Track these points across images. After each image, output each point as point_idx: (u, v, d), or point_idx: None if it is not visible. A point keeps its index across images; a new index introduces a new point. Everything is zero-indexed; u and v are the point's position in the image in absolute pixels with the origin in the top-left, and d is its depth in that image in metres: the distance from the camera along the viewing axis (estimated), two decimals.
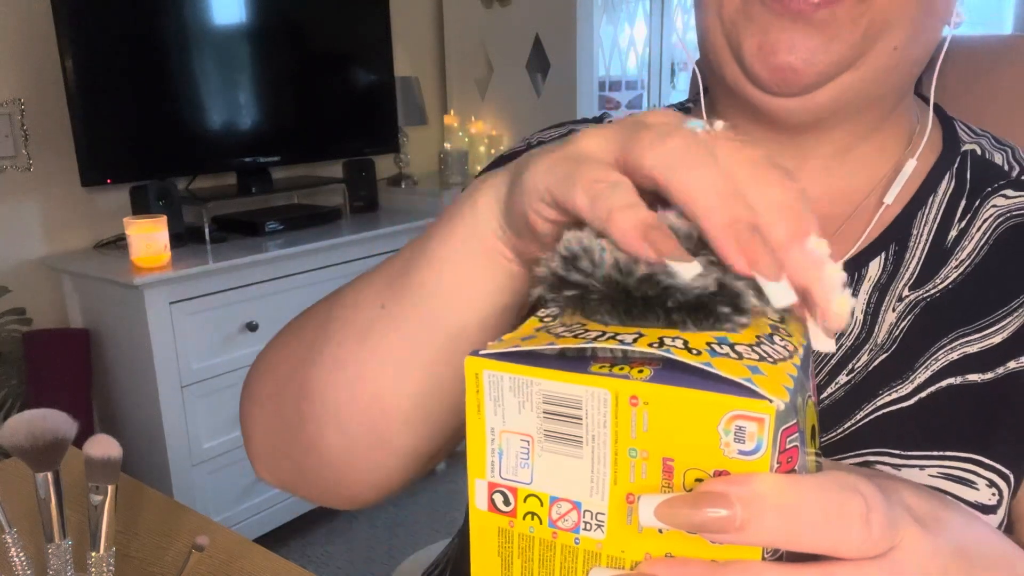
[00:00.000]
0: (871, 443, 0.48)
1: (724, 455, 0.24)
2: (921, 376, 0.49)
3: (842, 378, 0.50)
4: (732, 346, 0.26)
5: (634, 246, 0.27)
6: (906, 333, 0.50)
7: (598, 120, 0.65)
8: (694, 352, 0.25)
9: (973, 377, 0.48)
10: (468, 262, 0.39)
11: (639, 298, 0.27)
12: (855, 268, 0.52)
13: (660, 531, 0.25)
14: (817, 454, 0.29)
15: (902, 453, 0.47)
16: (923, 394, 0.48)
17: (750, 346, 0.27)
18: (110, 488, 0.56)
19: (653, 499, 0.24)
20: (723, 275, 0.27)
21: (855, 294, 0.52)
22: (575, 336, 0.27)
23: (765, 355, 0.26)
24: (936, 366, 0.49)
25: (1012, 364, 0.48)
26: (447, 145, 2.98)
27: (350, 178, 2.54)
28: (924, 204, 0.54)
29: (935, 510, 0.29)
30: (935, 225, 0.53)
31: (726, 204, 0.27)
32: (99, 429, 2.15)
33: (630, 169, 0.30)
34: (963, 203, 0.53)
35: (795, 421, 0.25)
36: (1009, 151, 0.57)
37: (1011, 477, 0.46)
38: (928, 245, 0.52)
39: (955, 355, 0.49)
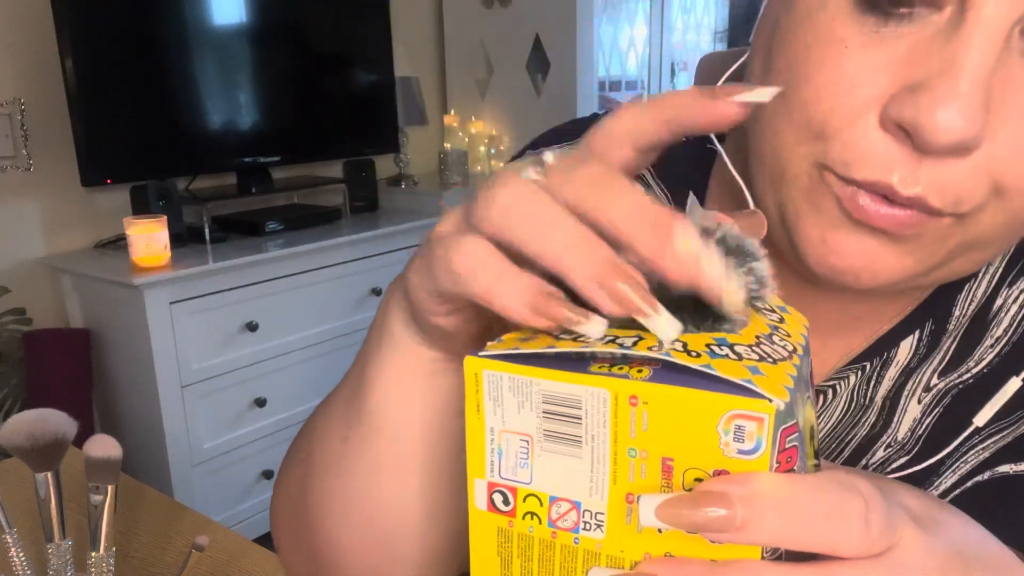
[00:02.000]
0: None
1: (724, 455, 0.24)
2: (947, 481, 0.43)
3: None
4: (731, 347, 0.26)
5: (527, 321, 0.26)
6: (930, 430, 0.43)
7: (596, 119, 0.62)
8: (693, 354, 0.25)
9: (1003, 469, 0.42)
10: (407, 381, 0.37)
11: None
12: (883, 349, 0.45)
13: (660, 531, 0.25)
14: (816, 454, 0.29)
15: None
16: (948, 498, 0.43)
17: (750, 347, 0.27)
18: (110, 488, 0.57)
19: (653, 499, 0.24)
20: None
21: (880, 379, 0.45)
22: (574, 339, 0.27)
23: (765, 355, 0.26)
24: (965, 468, 0.43)
25: None
26: (447, 145, 2.98)
27: (350, 178, 2.54)
28: (974, 276, 0.45)
29: (933, 511, 0.29)
30: (983, 299, 0.44)
31: (581, 254, 0.26)
32: (99, 429, 2.15)
33: (486, 235, 0.28)
34: (1017, 267, 0.45)
35: (795, 421, 0.25)
36: None
37: None
38: (967, 323, 0.44)
39: (986, 454, 0.43)
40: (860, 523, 0.24)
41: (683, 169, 0.51)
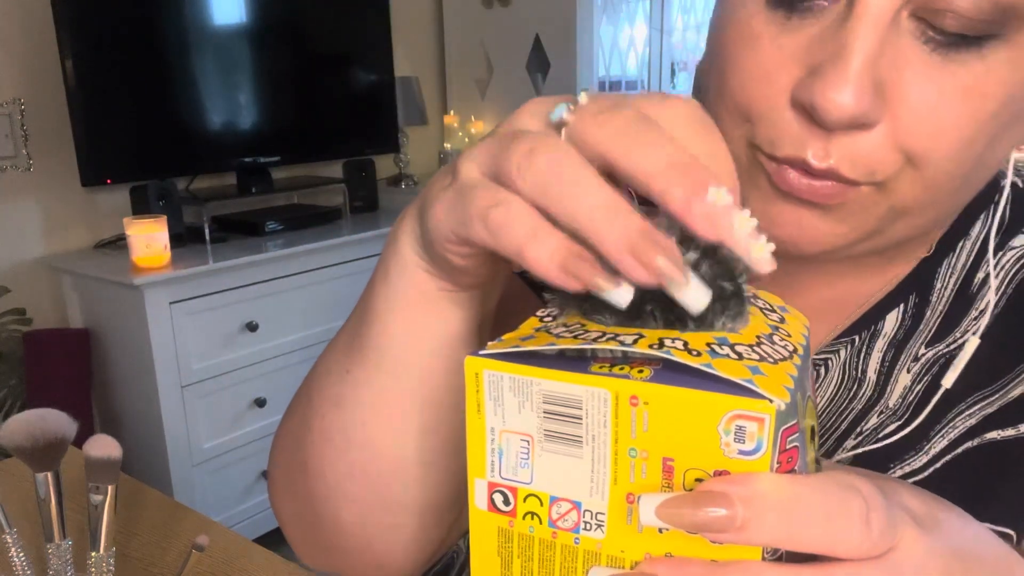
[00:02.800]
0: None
1: (724, 455, 0.24)
2: (938, 445, 0.45)
3: (849, 442, 0.46)
4: (732, 347, 0.26)
5: (555, 279, 0.26)
6: (921, 397, 0.46)
7: None
8: (694, 353, 0.25)
9: (991, 435, 0.44)
10: (411, 310, 0.38)
11: (639, 299, 0.27)
12: (870, 322, 0.48)
13: (660, 531, 0.25)
14: (817, 453, 0.29)
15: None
16: (939, 464, 0.45)
17: (750, 346, 0.27)
18: (110, 488, 0.56)
19: (653, 499, 0.24)
20: (712, 268, 0.27)
21: (868, 352, 0.47)
22: (575, 336, 0.27)
23: (765, 355, 0.26)
24: (953, 434, 0.45)
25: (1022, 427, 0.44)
26: (447, 145, 2.98)
27: (350, 178, 2.54)
28: (953, 250, 0.48)
29: (934, 511, 0.29)
30: (963, 273, 0.47)
31: (614, 222, 0.26)
32: (99, 429, 2.15)
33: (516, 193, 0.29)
34: (993, 243, 0.47)
35: (795, 421, 0.25)
36: None
37: (1013, 536, 0.44)
38: (952, 294, 0.47)
39: (973, 420, 0.45)
40: (861, 524, 0.24)
41: None
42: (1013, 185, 0.49)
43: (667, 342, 0.26)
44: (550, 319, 0.30)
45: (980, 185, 0.42)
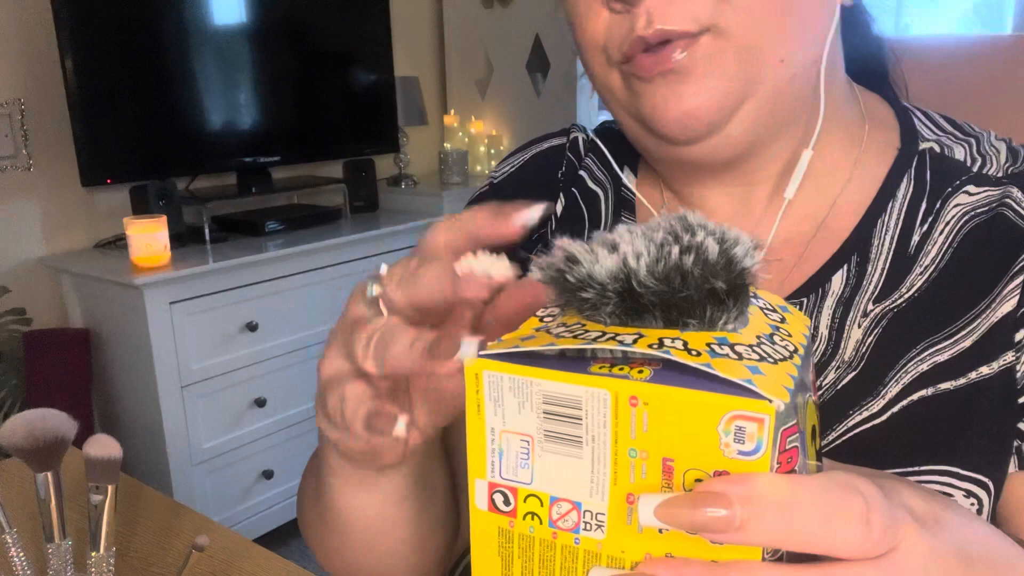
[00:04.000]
0: (847, 463, 0.47)
1: (724, 455, 0.24)
2: (892, 390, 0.48)
3: None
4: (732, 346, 0.26)
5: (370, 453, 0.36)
6: (873, 348, 0.49)
7: (565, 133, 0.67)
8: (694, 353, 0.25)
9: (945, 385, 0.47)
10: (350, 492, 0.44)
11: (638, 299, 0.27)
12: (818, 284, 0.51)
13: (660, 531, 0.25)
14: (818, 454, 0.29)
15: (877, 472, 0.46)
16: (895, 408, 0.47)
17: (750, 346, 0.27)
18: (110, 488, 0.56)
19: (653, 499, 0.24)
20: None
21: (819, 311, 0.51)
22: (575, 336, 0.27)
23: (765, 355, 0.26)
24: (906, 379, 0.48)
25: (983, 369, 0.47)
26: (447, 145, 2.98)
27: (350, 178, 2.54)
28: (884, 210, 0.52)
29: (935, 510, 0.29)
30: (897, 231, 0.52)
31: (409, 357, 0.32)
32: (99, 429, 2.15)
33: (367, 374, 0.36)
34: (924, 206, 0.52)
35: (795, 421, 0.25)
36: (974, 142, 0.54)
37: (989, 484, 0.46)
38: (891, 254, 0.51)
39: (925, 366, 0.48)
40: (861, 524, 0.24)
41: (616, 147, 0.62)
42: (931, 151, 0.54)
43: (667, 342, 0.26)
44: (550, 319, 0.30)
45: (809, 9, 0.48)
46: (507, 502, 0.27)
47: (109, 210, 2.21)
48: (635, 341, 0.26)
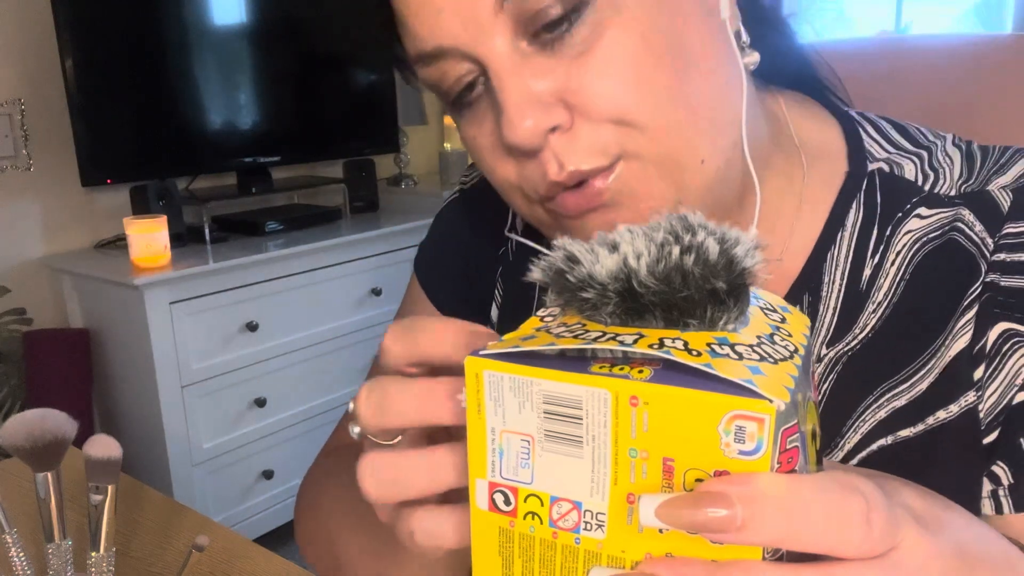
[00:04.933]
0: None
1: (724, 455, 0.24)
2: (851, 440, 0.46)
3: None
4: (732, 347, 0.26)
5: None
6: (829, 396, 0.47)
7: None
8: (694, 353, 0.25)
9: (904, 433, 0.45)
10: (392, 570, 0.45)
11: (639, 299, 0.27)
12: None
13: (661, 531, 0.25)
14: (818, 454, 0.29)
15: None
16: (854, 460, 0.46)
17: (750, 346, 0.26)
18: (110, 488, 0.56)
19: (654, 499, 0.24)
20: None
21: None
22: (575, 336, 0.27)
23: (766, 355, 0.26)
24: (865, 428, 0.46)
25: (940, 414, 0.45)
26: (447, 145, 2.97)
27: (350, 178, 2.54)
28: (833, 242, 0.49)
29: (936, 510, 0.29)
30: (847, 266, 0.48)
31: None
32: (99, 429, 2.15)
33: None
34: (875, 233, 0.48)
35: (795, 421, 0.25)
36: (925, 155, 0.50)
37: None
38: (843, 290, 0.48)
39: (883, 413, 0.46)
40: (862, 523, 0.24)
41: None
42: (880, 171, 0.50)
43: (667, 342, 0.26)
44: (551, 319, 0.30)
45: (716, 101, 0.45)
46: (507, 502, 0.27)
47: (109, 210, 2.21)
48: (635, 341, 0.26)
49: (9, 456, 0.73)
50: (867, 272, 0.48)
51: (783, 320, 0.30)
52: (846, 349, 0.47)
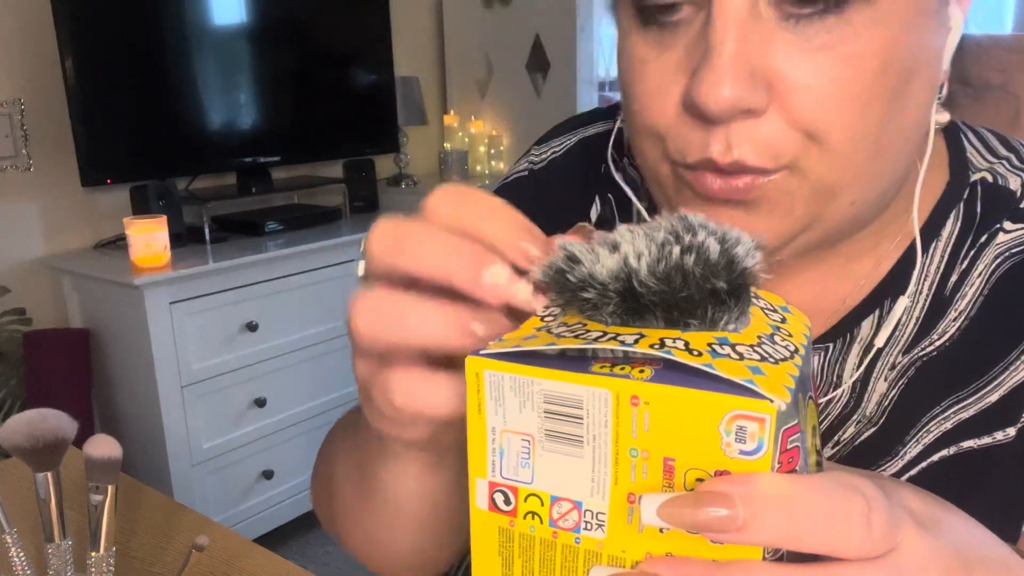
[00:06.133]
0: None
1: (725, 455, 0.24)
2: (912, 451, 0.45)
3: (826, 452, 0.47)
4: (733, 347, 0.26)
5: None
6: (896, 403, 0.46)
7: (610, 112, 0.61)
8: (695, 353, 0.25)
9: (968, 444, 0.44)
10: (398, 474, 0.40)
11: (639, 299, 0.27)
12: (844, 330, 0.48)
13: (661, 531, 0.25)
14: (818, 454, 0.29)
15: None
16: (913, 471, 0.45)
17: (751, 346, 0.27)
18: (110, 488, 0.56)
19: (655, 498, 0.24)
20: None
21: (843, 359, 0.47)
22: (576, 336, 0.27)
23: (766, 355, 0.26)
24: (928, 438, 0.45)
25: (1009, 430, 0.44)
26: (447, 145, 2.98)
27: (350, 178, 2.54)
28: (926, 251, 0.47)
29: (936, 512, 0.29)
30: (938, 276, 0.47)
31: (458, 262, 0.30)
32: (99, 429, 2.15)
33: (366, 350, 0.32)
34: (969, 240, 0.47)
35: (796, 421, 0.25)
36: None
37: None
38: (928, 299, 0.47)
39: (949, 424, 0.45)
40: (862, 524, 0.24)
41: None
42: (982, 180, 0.49)
43: (668, 342, 0.26)
44: (551, 319, 0.30)
45: (902, 149, 0.42)
46: (507, 501, 0.27)
47: (109, 210, 2.21)
48: (636, 341, 0.26)
49: (9, 456, 0.73)
50: (954, 278, 0.47)
51: (783, 320, 0.30)
52: (921, 354, 0.46)
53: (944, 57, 0.42)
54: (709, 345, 0.26)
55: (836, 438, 0.47)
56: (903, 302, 0.46)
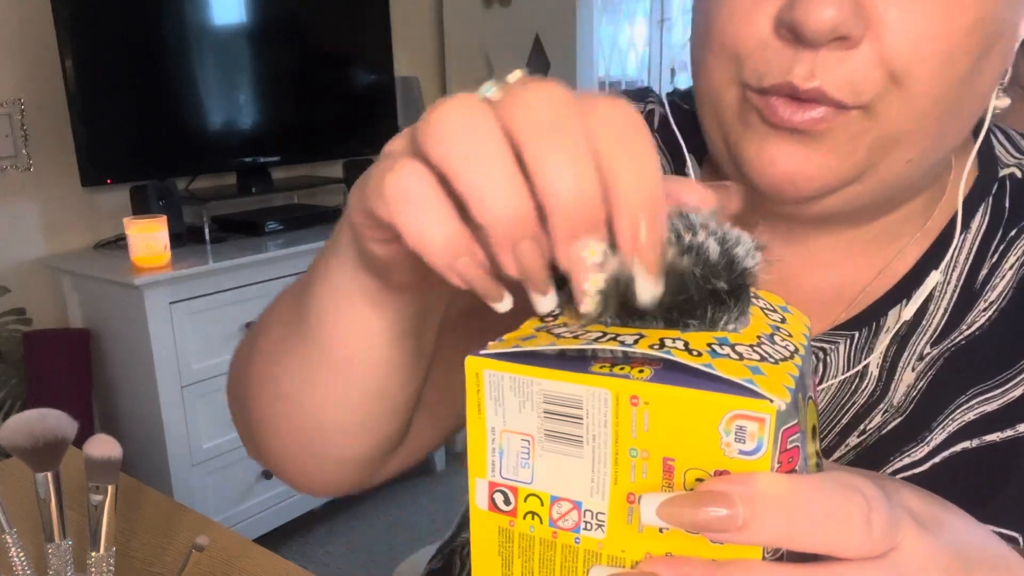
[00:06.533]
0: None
1: (725, 455, 0.24)
2: (937, 437, 0.45)
3: (853, 440, 0.47)
4: (733, 347, 0.26)
5: (438, 269, 0.27)
6: (924, 392, 0.46)
7: (642, 98, 0.60)
8: (695, 353, 0.25)
9: (990, 437, 0.44)
10: (343, 303, 0.38)
11: (634, 300, 0.27)
12: (872, 318, 0.48)
13: (661, 531, 0.25)
14: (818, 454, 0.29)
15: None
16: (937, 459, 0.45)
17: (751, 346, 0.27)
18: (110, 488, 0.56)
19: (655, 498, 0.24)
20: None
21: (871, 347, 0.47)
22: (575, 337, 0.27)
23: (766, 355, 0.26)
24: (952, 427, 0.45)
25: (1022, 427, 0.44)
26: None
27: (350, 178, 2.54)
28: (955, 243, 0.48)
29: (936, 512, 0.29)
30: (966, 268, 0.47)
31: (507, 214, 0.25)
32: (99, 429, 2.14)
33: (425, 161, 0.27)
34: (999, 234, 0.47)
35: (796, 421, 0.25)
36: None
37: (1020, 540, 0.44)
38: (957, 293, 0.47)
39: (972, 415, 0.45)
40: (862, 523, 0.24)
41: (683, 131, 0.55)
42: (1011, 176, 0.49)
43: (667, 342, 0.26)
44: (550, 319, 0.30)
45: (967, 119, 0.43)
46: (507, 502, 0.27)
47: (109, 210, 2.21)
48: (636, 342, 0.26)
49: (9, 456, 0.73)
50: (984, 272, 0.47)
51: (783, 320, 0.30)
52: (950, 345, 0.46)
53: (1017, 40, 0.43)
54: (709, 345, 0.26)
55: (862, 427, 0.47)
56: (935, 276, 0.47)
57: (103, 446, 0.56)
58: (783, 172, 0.42)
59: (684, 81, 3.15)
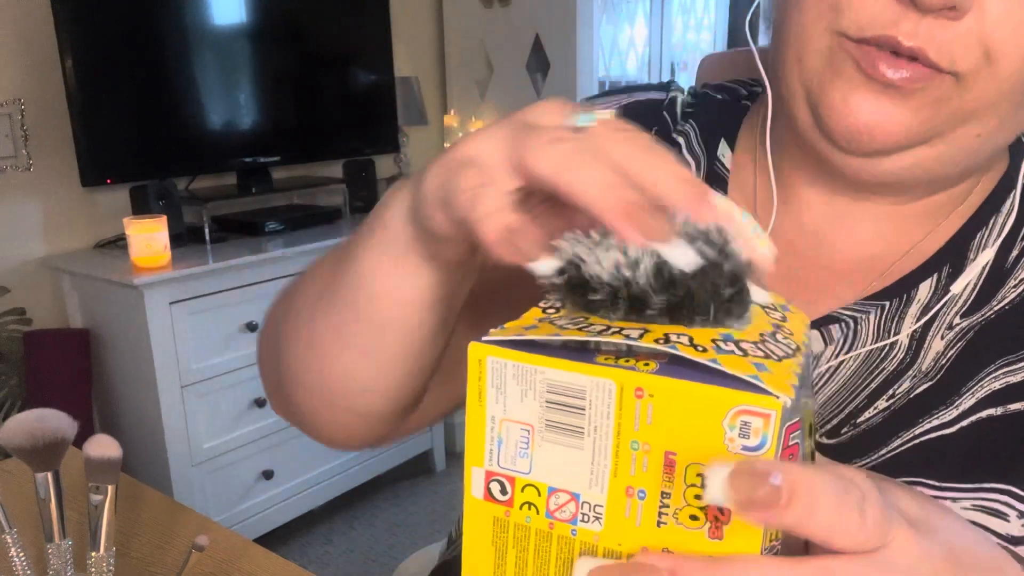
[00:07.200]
0: (909, 471, 0.46)
1: (728, 450, 0.24)
2: (967, 402, 0.47)
3: (881, 403, 0.48)
4: (737, 343, 0.26)
5: (497, 251, 0.30)
6: (953, 360, 0.48)
7: (665, 88, 0.63)
8: (700, 349, 0.25)
9: (1015, 406, 0.46)
10: (388, 267, 0.41)
11: (641, 295, 0.27)
12: (902, 290, 0.50)
13: (658, 525, 0.25)
14: (812, 451, 0.29)
15: (939, 484, 0.46)
16: (965, 422, 0.46)
17: (755, 343, 0.27)
18: (110, 488, 0.56)
19: (720, 471, 0.23)
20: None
21: (901, 317, 0.50)
22: (579, 329, 0.27)
23: (770, 352, 0.26)
24: (981, 393, 0.47)
25: None
26: (447, 145, 2.97)
27: (350, 178, 2.54)
28: (984, 224, 0.51)
29: (929, 514, 0.29)
30: (996, 249, 0.50)
31: (612, 191, 0.29)
32: (99, 429, 2.14)
33: (523, 175, 0.31)
34: None
35: (798, 418, 0.25)
36: None
37: None
38: (987, 270, 0.49)
39: (998, 384, 0.47)
40: (857, 513, 0.24)
41: (715, 117, 0.58)
42: None
43: (672, 337, 0.26)
44: (553, 311, 0.30)
45: None
46: (504, 491, 0.27)
47: (109, 210, 2.21)
48: (641, 336, 0.26)
49: (9, 456, 0.73)
50: (1015, 253, 0.50)
51: (784, 319, 0.30)
52: (980, 319, 0.48)
53: None
54: (713, 341, 0.26)
55: (891, 391, 0.49)
56: (988, 253, 0.49)
57: (103, 446, 0.56)
58: (865, 123, 0.44)
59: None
